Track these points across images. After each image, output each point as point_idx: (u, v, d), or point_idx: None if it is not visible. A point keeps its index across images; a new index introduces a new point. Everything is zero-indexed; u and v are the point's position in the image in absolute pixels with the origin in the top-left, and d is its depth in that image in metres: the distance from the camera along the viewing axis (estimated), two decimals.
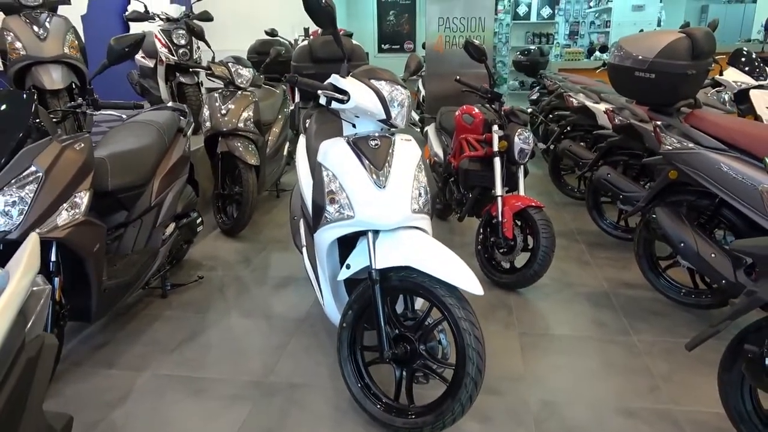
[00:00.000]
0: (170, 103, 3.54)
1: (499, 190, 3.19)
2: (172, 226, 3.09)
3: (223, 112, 4.08)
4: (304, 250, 2.72)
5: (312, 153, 2.76)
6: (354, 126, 2.14)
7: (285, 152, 5.00)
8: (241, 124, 4.08)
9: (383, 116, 2.05)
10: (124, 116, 2.64)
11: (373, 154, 2.02)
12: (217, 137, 4.11)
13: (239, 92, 4.20)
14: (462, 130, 3.56)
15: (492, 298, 3.09)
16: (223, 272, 3.52)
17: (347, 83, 2.01)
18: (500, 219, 3.13)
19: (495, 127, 3.27)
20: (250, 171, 3.99)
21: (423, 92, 7.32)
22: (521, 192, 3.30)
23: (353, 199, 1.99)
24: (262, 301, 3.13)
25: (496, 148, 3.24)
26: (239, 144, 4.04)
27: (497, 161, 3.23)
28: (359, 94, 2.00)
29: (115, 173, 2.70)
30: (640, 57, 2.66)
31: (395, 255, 1.95)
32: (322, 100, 2.04)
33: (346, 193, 2.00)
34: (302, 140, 3.04)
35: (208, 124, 4.13)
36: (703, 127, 2.59)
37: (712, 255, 2.50)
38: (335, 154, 2.08)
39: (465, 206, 3.59)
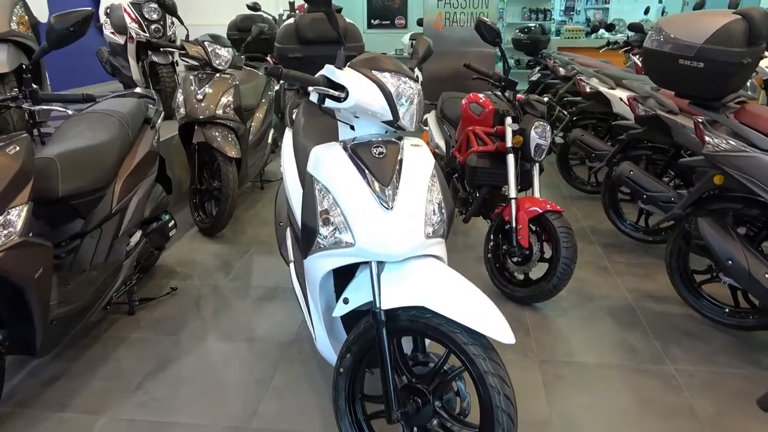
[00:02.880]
0: (138, 89, 3.10)
1: (512, 191, 2.81)
2: (138, 234, 2.68)
3: (199, 97, 3.64)
4: (292, 266, 2.34)
5: (300, 152, 2.37)
6: (352, 128, 1.74)
7: (269, 140, 4.57)
8: (219, 111, 3.64)
9: (389, 117, 1.65)
10: (69, 111, 2.22)
11: (377, 165, 1.63)
12: (192, 125, 3.67)
13: (217, 75, 3.75)
14: (469, 121, 3.16)
15: (505, 315, 2.72)
16: (199, 281, 3.12)
17: (345, 76, 1.60)
18: (514, 225, 2.76)
19: (508, 120, 2.87)
20: (230, 164, 3.57)
21: (419, 74, 6.86)
22: (536, 193, 2.92)
23: (352, 222, 1.60)
24: (243, 318, 2.74)
25: (509, 143, 2.85)
26: (217, 134, 3.60)
27: (510, 158, 2.84)
28: (360, 89, 1.60)
29: (66, 176, 2.28)
30: (685, 42, 2.27)
31: (405, 293, 1.57)
32: (314, 98, 1.64)
33: (344, 215, 1.61)
34: (288, 135, 2.63)
35: (182, 110, 3.68)
36: (759, 126, 2.22)
37: (767, 275, 2.16)
38: (329, 164, 1.68)
39: (471, 206, 3.21)
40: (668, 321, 2.70)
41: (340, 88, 1.60)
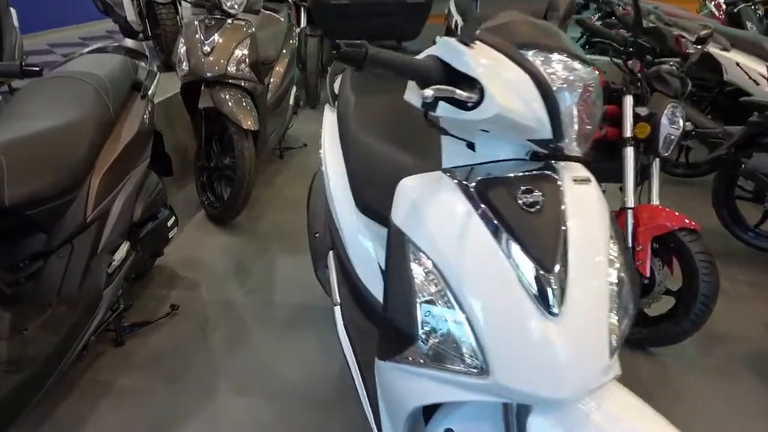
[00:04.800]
0: (127, 41, 2.34)
1: (630, 198, 2.07)
2: (125, 246, 1.98)
3: (207, 49, 2.85)
4: (338, 309, 1.66)
5: (352, 148, 1.65)
6: (470, 146, 1.00)
7: (291, 100, 3.79)
8: (232, 68, 2.87)
9: (547, 134, 0.91)
10: None
11: (528, 229, 0.90)
12: (198, 85, 2.91)
13: (229, 21, 2.94)
14: None
15: None
16: (207, 294, 2.44)
17: (479, 61, 0.86)
18: (631, 245, 2.04)
19: (628, 100, 2.10)
20: (245, 138, 2.83)
21: (457, 18, 5.90)
22: (655, 198, 2.18)
23: (485, 336, 0.88)
24: (264, 357, 2.08)
25: (628, 132, 2.09)
26: (229, 97, 2.85)
27: (629, 153, 2.09)
28: (504, 87, 0.86)
29: (15, 177, 1.57)
30: None
31: None
32: (413, 99, 0.90)
33: (468, 318, 0.90)
34: (331, 117, 1.91)
35: (185, 65, 2.91)
36: None
37: None
38: (438, 219, 0.95)
39: None
40: None
41: (467, 81, 0.86)
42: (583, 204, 0.97)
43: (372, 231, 1.59)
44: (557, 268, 0.87)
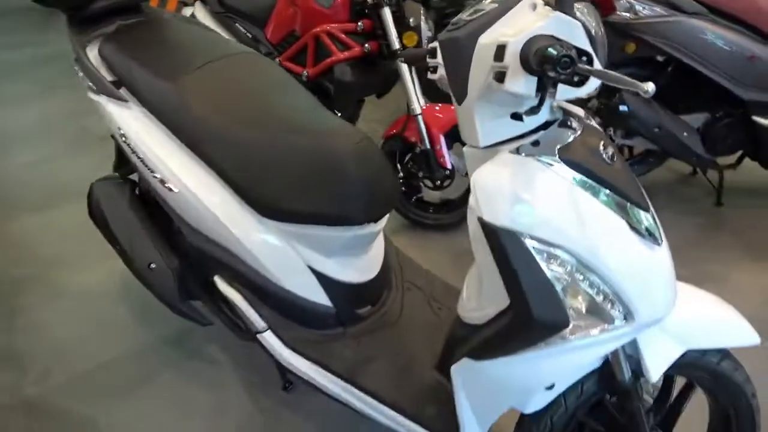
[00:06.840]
0: None
1: (416, 105, 2.20)
2: None
3: None
4: (269, 335, 1.42)
5: (211, 144, 1.36)
6: (516, 116, 0.94)
7: None
8: None
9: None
10: None
11: (618, 178, 0.96)
12: None
13: None
14: (314, 19, 2.27)
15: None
16: None
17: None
18: (429, 145, 2.22)
19: (387, 12, 2.15)
20: None
21: None
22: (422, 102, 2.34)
23: (623, 287, 0.93)
24: None
25: (396, 44, 2.16)
26: None
27: (406, 70, 2.19)
28: None
29: None
30: None
31: (670, 344, 1.05)
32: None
33: (605, 281, 0.92)
34: (130, 115, 1.52)
35: None
36: None
37: (684, 134, 2.32)
38: (547, 202, 0.91)
39: None
40: None
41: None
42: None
43: (287, 233, 1.36)
44: (650, 208, 0.97)
